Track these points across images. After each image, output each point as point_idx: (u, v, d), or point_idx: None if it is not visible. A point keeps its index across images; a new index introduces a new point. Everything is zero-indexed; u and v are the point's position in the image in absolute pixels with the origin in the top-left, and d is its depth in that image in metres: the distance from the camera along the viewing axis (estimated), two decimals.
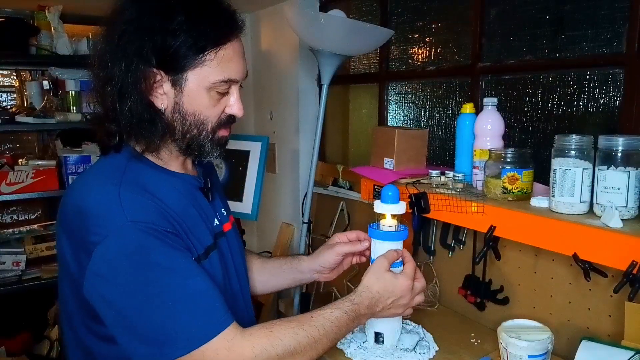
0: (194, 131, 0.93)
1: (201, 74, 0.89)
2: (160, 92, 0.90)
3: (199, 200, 1.00)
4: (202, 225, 0.97)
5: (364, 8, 2.18)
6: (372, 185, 1.58)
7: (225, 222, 1.08)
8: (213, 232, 1.01)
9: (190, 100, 0.91)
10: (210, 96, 0.91)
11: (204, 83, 0.90)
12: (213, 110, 0.93)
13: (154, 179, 0.92)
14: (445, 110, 1.84)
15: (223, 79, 0.90)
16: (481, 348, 1.34)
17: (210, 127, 0.94)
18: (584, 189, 1.05)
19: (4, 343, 2.40)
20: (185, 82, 0.89)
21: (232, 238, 1.09)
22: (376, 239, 1.22)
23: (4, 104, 2.79)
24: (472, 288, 1.54)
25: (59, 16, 2.34)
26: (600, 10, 1.32)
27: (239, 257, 1.11)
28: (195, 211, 0.97)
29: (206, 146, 0.95)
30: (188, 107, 0.91)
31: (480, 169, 1.30)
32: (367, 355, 1.23)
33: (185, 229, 0.91)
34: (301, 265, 1.24)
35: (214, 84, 0.90)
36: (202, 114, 0.92)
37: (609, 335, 1.21)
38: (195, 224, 0.95)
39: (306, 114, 2.43)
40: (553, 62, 1.44)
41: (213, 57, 0.89)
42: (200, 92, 0.90)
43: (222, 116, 0.95)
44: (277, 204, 2.68)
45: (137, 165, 0.92)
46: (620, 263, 0.95)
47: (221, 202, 1.11)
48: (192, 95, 0.90)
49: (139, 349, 0.83)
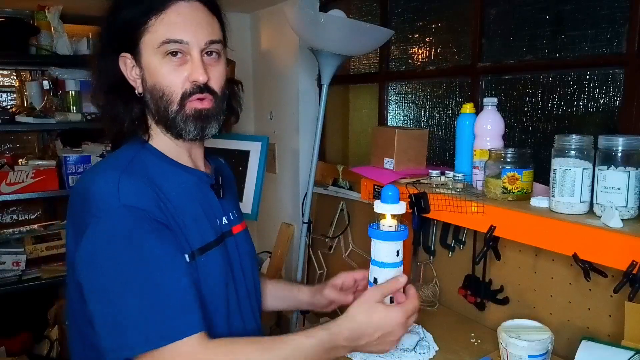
0: (162, 106, 0.92)
1: (149, 40, 0.90)
2: (135, 75, 0.93)
3: (207, 197, 0.99)
4: (205, 222, 0.96)
5: (364, 8, 2.18)
6: (372, 185, 1.58)
7: (236, 224, 1.07)
8: (219, 230, 0.99)
9: (149, 73, 0.91)
10: (164, 62, 0.90)
11: (153, 48, 0.90)
12: (172, 78, 0.91)
13: (160, 169, 0.93)
14: (445, 110, 1.84)
15: (166, 39, 0.89)
16: (481, 348, 1.34)
17: (176, 98, 0.91)
18: (584, 189, 1.05)
19: (4, 343, 2.40)
20: (141, 55, 0.91)
21: (242, 241, 1.07)
22: (376, 239, 1.22)
23: (4, 104, 2.79)
24: (472, 288, 1.54)
25: (59, 16, 2.34)
26: (600, 10, 1.32)
27: (248, 262, 1.09)
28: (200, 206, 0.96)
29: (177, 120, 0.92)
30: (149, 80, 0.91)
31: (480, 169, 1.30)
32: (367, 355, 1.23)
33: (180, 223, 0.90)
34: (300, 297, 1.24)
35: (161, 46, 0.89)
36: (161, 83, 0.91)
37: (609, 335, 1.21)
38: (195, 219, 0.94)
39: (306, 114, 2.43)
40: (553, 62, 1.44)
41: (155, 22, 0.89)
42: (152, 60, 0.90)
43: (186, 85, 0.91)
44: (277, 204, 2.68)
45: (145, 156, 0.93)
46: (620, 263, 0.95)
47: (233, 204, 1.10)
48: (149, 67, 0.91)
49: (105, 338, 0.81)
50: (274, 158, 2.62)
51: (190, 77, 0.91)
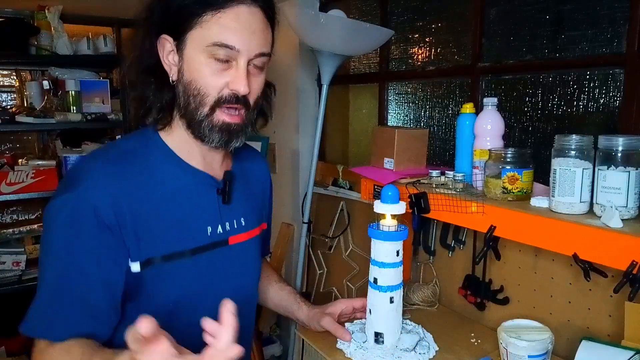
0: (192, 104, 0.88)
1: (198, 35, 0.85)
2: (171, 61, 0.89)
3: (206, 202, 0.96)
4: (190, 228, 0.92)
5: (364, 8, 2.18)
6: (372, 185, 1.58)
7: (238, 233, 1.01)
8: (210, 239, 0.95)
9: (189, 67, 0.87)
10: (208, 63, 0.86)
11: (201, 45, 0.85)
12: (212, 80, 0.87)
13: (158, 167, 0.91)
14: (445, 110, 1.84)
15: (218, 41, 0.84)
16: (481, 348, 1.34)
17: (210, 101, 0.88)
18: (584, 189, 1.05)
19: (4, 343, 2.40)
20: (185, 45, 0.87)
21: (240, 254, 1.02)
22: (376, 239, 1.22)
23: (4, 104, 2.79)
24: (472, 288, 1.54)
25: (59, 16, 2.34)
26: (600, 10, 1.32)
27: (242, 278, 1.04)
28: (190, 211, 0.92)
29: (203, 125, 0.89)
30: (187, 74, 0.88)
31: (480, 169, 1.30)
32: (367, 355, 1.23)
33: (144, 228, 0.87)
34: (298, 314, 1.26)
35: (209, 47, 0.85)
36: (199, 82, 0.87)
37: (609, 335, 1.21)
38: (175, 223, 0.90)
39: (306, 114, 2.43)
40: (553, 62, 1.44)
41: (210, 18, 0.85)
42: (197, 56, 0.86)
43: (224, 91, 0.88)
44: (277, 204, 2.67)
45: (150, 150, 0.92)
46: (620, 263, 0.95)
47: (247, 211, 1.04)
48: (191, 61, 0.87)
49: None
50: (274, 158, 2.62)
51: (230, 85, 0.88)
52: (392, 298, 1.22)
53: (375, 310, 1.24)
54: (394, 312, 1.24)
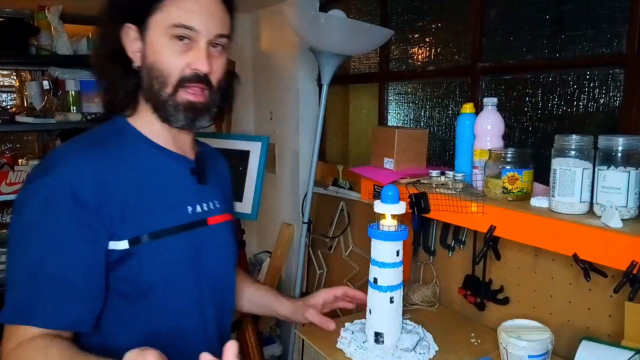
0: (156, 86, 0.91)
1: (160, 19, 0.89)
2: (135, 48, 0.92)
3: (183, 182, 0.98)
4: (172, 206, 0.94)
5: (364, 8, 2.18)
6: (372, 185, 1.58)
7: (215, 214, 1.03)
8: (189, 218, 0.96)
9: (152, 50, 0.90)
10: (170, 44, 0.89)
11: (162, 27, 0.88)
12: (173, 61, 0.89)
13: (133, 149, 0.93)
14: (445, 110, 1.84)
15: (179, 23, 0.88)
16: (481, 348, 1.34)
17: (172, 81, 0.90)
18: (584, 189, 1.05)
19: None
20: (147, 31, 0.90)
21: (218, 234, 1.03)
22: (376, 239, 1.22)
23: (4, 104, 2.79)
24: (472, 288, 1.54)
25: (59, 16, 2.34)
26: (600, 10, 1.32)
27: (222, 257, 1.05)
28: (168, 190, 0.94)
29: (167, 105, 0.91)
30: (151, 57, 0.90)
31: (480, 169, 1.30)
32: (367, 355, 1.23)
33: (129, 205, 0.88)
34: (280, 310, 1.24)
35: (170, 28, 0.88)
36: (162, 64, 0.89)
37: (609, 335, 1.21)
38: (158, 202, 0.92)
39: (306, 114, 2.43)
40: (553, 62, 1.44)
41: (170, 2, 0.88)
42: (159, 39, 0.89)
43: (185, 71, 0.90)
44: (277, 204, 2.68)
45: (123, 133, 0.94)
46: (620, 263, 0.95)
47: (218, 194, 1.06)
48: (153, 44, 0.90)
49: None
50: (274, 158, 2.62)
51: (192, 65, 0.90)
52: (392, 298, 1.23)
53: (375, 310, 1.24)
54: (394, 312, 1.24)
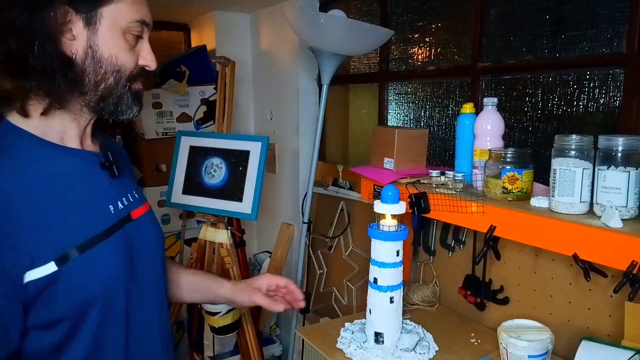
0: (110, 80, 0.84)
1: (116, 11, 0.82)
2: (70, 36, 0.80)
3: (95, 180, 0.89)
4: (91, 211, 0.85)
5: (364, 8, 2.18)
6: (372, 185, 1.58)
7: (136, 207, 0.96)
8: (114, 218, 0.88)
9: (105, 43, 0.82)
10: (126, 40, 0.84)
11: (120, 22, 0.82)
12: (129, 56, 0.85)
13: (31, 156, 0.81)
14: (445, 110, 1.84)
15: (138, 18, 0.84)
16: (481, 348, 1.34)
17: (127, 75, 0.85)
18: (584, 189, 1.05)
19: None
20: (100, 20, 0.81)
21: (144, 227, 0.96)
22: (376, 239, 1.22)
23: None
24: (472, 288, 1.54)
25: None
26: (600, 10, 1.32)
27: (153, 250, 0.98)
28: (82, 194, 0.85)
29: (124, 98, 0.86)
30: (104, 50, 0.82)
31: (480, 169, 1.30)
32: (367, 355, 1.23)
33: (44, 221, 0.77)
34: (220, 291, 1.17)
35: (130, 24, 0.83)
36: (119, 58, 0.83)
37: (609, 335, 1.21)
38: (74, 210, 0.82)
39: (306, 114, 2.43)
40: (553, 62, 1.44)
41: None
42: (115, 32, 0.83)
43: (136, 67, 0.87)
44: (277, 204, 2.68)
45: (14, 140, 0.80)
46: (620, 263, 0.95)
47: (130, 184, 0.99)
48: (108, 37, 0.82)
49: None
50: (274, 158, 2.62)
51: (141, 60, 0.87)
52: (392, 298, 1.23)
53: (375, 310, 1.24)
54: (394, 312, 1.24)
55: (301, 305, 1.16)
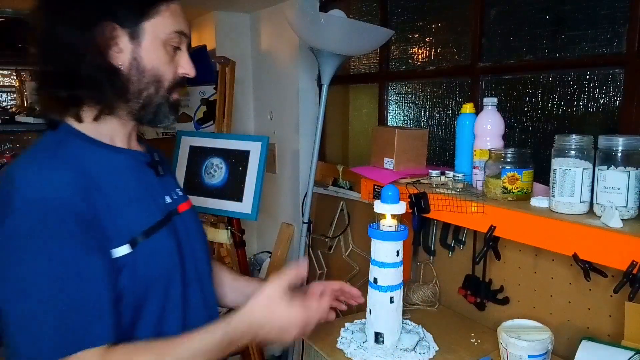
0: (151, 89, 0.90)
1: (157, 24, 0.88)
2: (117, 49, 0.86)
3: (146, 177, 0.97)
4: (148, 202, 0.93)
5: (364, 8, 2.18)
6: (372, 185, 1.58)
7: (181, 202, 1.04)
8: (166, 209, 0.96)
9: (148, 55, 0.88)
10: (167, 51, 0.90)
11: (161, 34, 0.88)
12: (169, 67, 0.91)
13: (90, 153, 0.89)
14: (445, 110, 1.84)
15: (177, 29, 0.90)
16: (481, 348, 1.34)
17: (167, 85, 0.92)
18: (584, 189, 1.05)
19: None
20: (142, 34, 0.87)
21: (189, 220, 1.04)
22: (376, 239, 1.22)
23: (4, 104, 2.79)
24: (472, 288, 1.54)
25: None
26: (600, 10, 1.32)
27: (197, 242, 1.06)
28: (139, 187, 0.93)
29: (163, 107, 0.92)
30: (147, 62, 0.88)
31: (480, 169, 1.30)
32: (367, 355, 1.23)
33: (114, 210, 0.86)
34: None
35: (170, 35, 0.89)
36: (159, 69, 0.90)
37: (609, 335, 1.21)
38: (135, 201, 0.91)
39: (306, 114, 2.43)
40: (553, 62, 1.44)
41: (165, 8, 0.88)
42: (157, 44, 0.89)
43: (175, 76, 0.93)
44: (277, 204, 2.68)
45: (72, 140, 0.88)
46: (620, 263, 0.95)
47: (174, 183, 1.07)
48: (150, 49, 0.88)
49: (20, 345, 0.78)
50: (274, 158, 2.62)
51: (181, 70, 0.93)
52: (392, 298, 1.23)
53: (375, 310, 1.24)
54: (394, 312, 1.24)
55: (360, 300, 1.18)
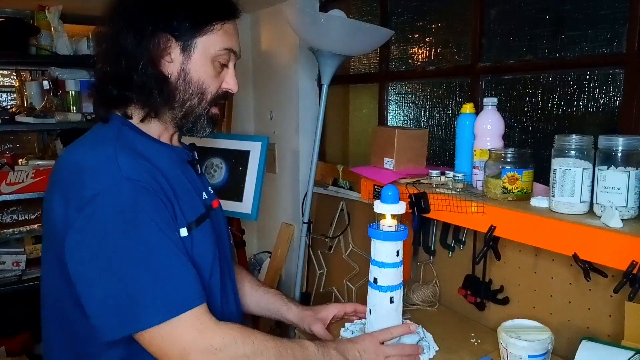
0: (194, 100, 0.97)
1: (208, 41, 0.95)
2: (169, 59, 0.94)
3: (189, 172, 1.04)
4: (194, 194, 1.00)
5: (364, 8, 2.18)
6: (372, 185, 1.58)
7: (213, 199, 1.11)
8: (205, 203, 1.04)
9: (196, 68, 0.95)
10: (214, 66, 0.97)
11: (210, 50, 0.95)
12: (214, 82, 0.98)
13: (146, 145, 0.95)
14: (445, 110, 1.84)
15: (227, 46, 0.97)
16: (481, 348, 1.34)
17: (209, 98, 0.98)
18: (584, 189, 1.05)
19: (4, 343, 2.40)
20: (194, 48, 0.94)
21: (220, 216, 1.12)
22: (376, 239, 1.22)
23: (4, 104, 2.79)
24: (472, 288, 1.54)
25: (59, 16, 2.34)
26: (600, 10, 1.32)
27: (225, 237, 1.14)
28: (187, 180, 1.00)
29: (202, 119, 0.99)
30: (194, 74, 0.95)
31: (480, 169, 1.30)
32: None
33: (177, 194, 0.93)
34: (288, 315, 1.28)
35: (219, 52, 0.96)
36: (204, 82, 0.97)
37: (609, 335, 1.21)
38: (186, 191, 0.98)
39: (306, 114, 2.43)
40: (553, 62, 1.44)
41: (219, 27, 0.96)
42: (205, 59, 0.96)
43: (219, 90, 1.00)
44: (277, 204, 2.68)
45: (128, 132, 0.95)
46: (620, 263, 0.95)
47: (207, 182, 1.15)
48: (199, 63, 0.95)
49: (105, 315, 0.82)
50: (274, 158, 2.62)
51: (224, 85, 1.01)
52: (392, 298, 1.23)
53: (375, 310, 1.24)
54: (394, 312, 1.24)
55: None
